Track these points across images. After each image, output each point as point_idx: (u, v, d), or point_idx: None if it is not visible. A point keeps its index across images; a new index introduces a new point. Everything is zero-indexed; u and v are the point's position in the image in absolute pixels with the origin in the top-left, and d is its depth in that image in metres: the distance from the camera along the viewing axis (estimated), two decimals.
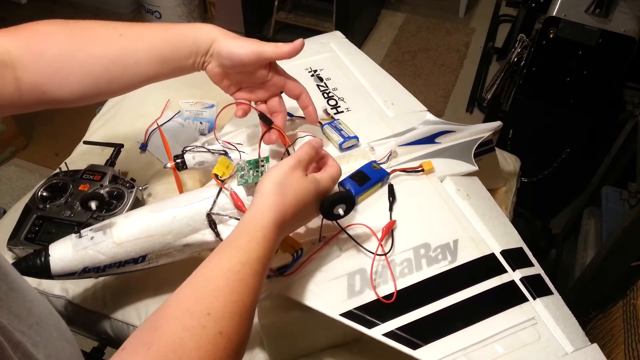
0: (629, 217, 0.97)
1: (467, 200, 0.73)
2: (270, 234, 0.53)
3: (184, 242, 0.66)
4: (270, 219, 0.53)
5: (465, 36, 2.66)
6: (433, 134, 0.81)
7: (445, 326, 0.59)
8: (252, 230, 0.53)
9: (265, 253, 0.52)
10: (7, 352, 0.38)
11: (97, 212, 0.76)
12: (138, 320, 0.79)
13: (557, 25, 1.30)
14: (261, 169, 0.68)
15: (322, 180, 0.59)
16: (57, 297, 0.82)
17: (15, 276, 0.49)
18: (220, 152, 0.75)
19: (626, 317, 0.93)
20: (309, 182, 0.57)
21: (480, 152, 0.83)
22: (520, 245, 0.69)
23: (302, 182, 0.57)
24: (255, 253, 0.51)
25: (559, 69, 1.38)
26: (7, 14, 2.77)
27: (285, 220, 0.55)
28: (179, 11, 2.60)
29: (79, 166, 0.90)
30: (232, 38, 0.67)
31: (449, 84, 2.39)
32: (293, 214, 0.56)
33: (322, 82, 0.92)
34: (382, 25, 2.75)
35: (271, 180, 0.56)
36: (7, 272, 0.47)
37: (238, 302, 0.48)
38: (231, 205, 0.67)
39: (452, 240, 0.67)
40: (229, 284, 0.49)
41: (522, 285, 0.63)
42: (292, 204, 0.55)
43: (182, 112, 1.06)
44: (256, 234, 0.52)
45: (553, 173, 1.56)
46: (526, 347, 0.58)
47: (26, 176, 1.98)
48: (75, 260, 0.63)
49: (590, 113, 1.43)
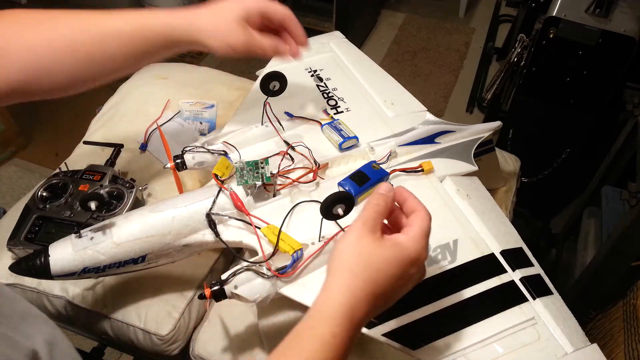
0: (629, 217, 0.97)
1: (467, 200, 0.72)
2: (341, 328, 0.41)
3: (183, 242, 0.66)
4: (340, 311, 0.42)
5: (465, 36, 2.66)
6: (433, 134, 0.81)
7: (445, 326, 0.59)
8: (318, 326, 0.42)
9: (335, 356, 0.41)
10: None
11: (97, 213, 0.76)
12: (138, 320, 0.79)
13: (557, 25, 1.30)
14: (261, 170, 0.68)
15: (405, 241, 0.46)
16: (57, 297, 0.82)
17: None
18: (220, 152, 0.75)
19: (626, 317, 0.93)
20: (386, 249, 0.45)
21: (480, 152, 0.83)
22: (520, 245, 0.69)
23: (376, 251, 0.44)
24: (321, 357, 0.40)
25: (559, 68, 1.38)
26: None
27: (360, 307, 0.43)
28: None
29: (79, 166, 0.90)
30: (208, 35, 0.63)
31: (449, 84, 2.39)
32: (372, 295, 0.43)
33: (322, 82, 0.92)
34: (382, 25, 2.75)
35: (337, 256, 0.45)
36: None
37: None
38: (231, 205, 0.67)
39: (451, 240, 0.67)
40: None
41: (521, 285, 0.63)
42: (369, 283, 0.43)
43: (182, 112, 1.06)
44: (322, 332, 0.41)
45: (553, 173, 1.56)
46: (526, 347, 0.58)
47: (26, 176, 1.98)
48: (75, 260, 0.63)
49: (590, 113, 1.43)
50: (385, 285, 0.44)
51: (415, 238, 0.46)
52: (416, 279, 0.48)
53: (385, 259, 0.44)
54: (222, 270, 0.86)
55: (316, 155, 0.74)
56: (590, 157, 1.56)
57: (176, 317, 0.80)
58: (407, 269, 0.45)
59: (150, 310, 0.80)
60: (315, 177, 0.71)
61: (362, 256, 0.44)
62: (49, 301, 0.83)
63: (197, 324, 0.83)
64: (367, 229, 0.45)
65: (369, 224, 0.46)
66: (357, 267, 0.43)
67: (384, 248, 0.45)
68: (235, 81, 1.17)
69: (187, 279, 0.83)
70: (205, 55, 2.57)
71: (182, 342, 0.81)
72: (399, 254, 0.45)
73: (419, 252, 0.46)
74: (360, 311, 0.43)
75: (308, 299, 0.61)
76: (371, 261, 0.44)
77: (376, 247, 0.45)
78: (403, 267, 0.45)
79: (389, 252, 0.44)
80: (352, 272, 0.43)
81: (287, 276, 0.60)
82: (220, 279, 0.59)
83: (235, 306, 0.78)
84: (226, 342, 0.79)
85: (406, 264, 0.45)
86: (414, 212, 0.48)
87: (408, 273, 0.46)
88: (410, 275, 0.46)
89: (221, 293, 0.59)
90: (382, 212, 0.47)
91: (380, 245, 0.45)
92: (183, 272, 0.83)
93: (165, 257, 0.68)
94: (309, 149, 0.75)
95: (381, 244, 0.45)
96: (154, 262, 0.68)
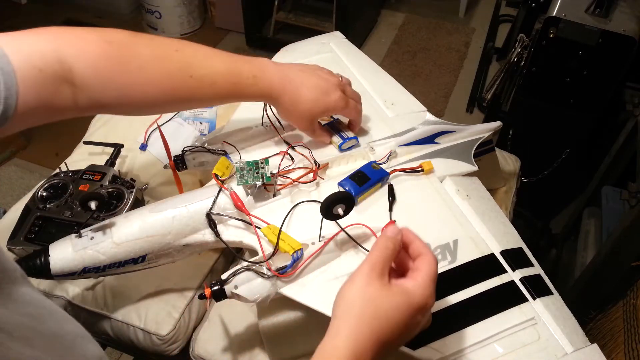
0: (629, 217, 0.97)
1: (467, 200, 0.72)
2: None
3: (183, 242, 0.66)
4: (348, 350, 0.41)
5: (465, 36, 2.66)
6: (433, 134, 0.81)
7: (444, 326, 0.59)
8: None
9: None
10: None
11: (97, 212, 0.76)
12: (138, 320, 0.79)
13: (557, 25, 1.30)
14: (261, 170, 0.68)
15: (413, 288, 0.44)
16: (57, 297, 0.82)
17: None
18: (220, 152, 0.75)
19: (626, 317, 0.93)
20: (394, 296, 0.44)
21: (480, 152, 0.83)
22: (520, 245, 0.69)
23: (385, 299, 0.43)
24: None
25: (559, 69, 1.38)
26: (7, 14, 2.77)
27: (366, 356, 0.42)
28: (179, 11, 2.60)
29: (79, 166, 0.90)
30: (283, 113, 0.73)
31: (449, 84, 2.39)
32: (378, 342, 0.42)
33: None
34: (382, 25, 2.75)
35: (344, 300, 0.44)
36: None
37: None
38: (231, 205, 0.67)
39: (451, 241, 0.67)
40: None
41: (521, 285, 0.63)
42: (376, 330, 0.42)
43: (182, 112, 1.06)
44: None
45: (553, 173, 1.56)
46: (526, 347, 0.58)
47: (26, 176, 1.98)
48: (75, 260, 0.63)
49: (590, 113, 1.43)
50: (392, 333, 0.43)
51: (423, 284, 0.45)
52: (422, 326, 0.47)
53: (392, 306, 0.43)
54: (222, 270, 0.86)
55: (316, 155, 0.74)
56: (590, 157, 1.56)
57: (176, 317, 0.80)
58: (415, 316, 0.44)
59: (150, 310, 0.80)
60: (315, 177, 0.71)
61: (370, 303, 0.43)
62: None
63: (197, 324, 0.83)
64: (376, 274, 0.44)
65: (378, 268, 0.45)
66: (365, 314, 0.42)
67: (392, 295, 0.44)
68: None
69: (187, 279, 0.83)
70: None
71: (182, 342, 0.82)
72: (406, 301, 0.44)
73: (427, 298, 0.45)
74: (368, 357, 0.42)
75: (308, 299, 0.61)
76: (379, 309, 0.43)
77: (384, 294, 0.44)
78: (410, 314, 0.44)
79: (397, 299, 0.43)
80: (359, 320, 0.42)
81: (287, 276, 0.60)
82: (220, 279, 0.59)
83: (235, 306, 0.78)
84: (226, 342, 0.79)
85: (414, 311, 0.44)
86: (420, 256, 0.47)
87: (415, 320, 0.45)
88: (417, 323, 0.45)
89: (221, 293, 0.59)
90: (390, 256, 0.46)
91: (389, 292, 0.44)
92: (183, 272, 0.83)
93: (165, 257, 0.68)
94: (309, 149, 0.75)
95: (389, 291, 0.44)
96: (154, 262, 0.68)
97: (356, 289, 0.44)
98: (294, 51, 1.01)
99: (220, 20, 2.71)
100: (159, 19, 2.61)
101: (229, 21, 2.66)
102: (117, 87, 0.59)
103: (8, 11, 2.80)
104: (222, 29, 2.72)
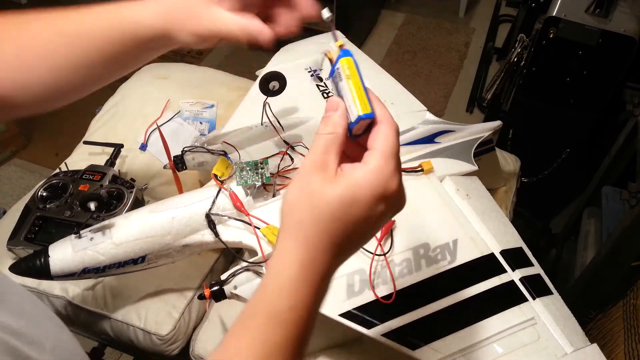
0: (629, 217, 0.97)
1: (467, 200, 0.72)
2: (298, 298, 0.36)
3: (183, 243, 0.66)
4: (294, 278, 0.36)
5: (465, 36, 2.66)
6: (433, 133, 0.81)
7: (444, 326, 0.59)
8: (271, 300, 0.36)
9: (297, 329, 0.36)
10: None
11: (97, 213, 0.76)
12: (138, 320, 0.79)
13: (557, 25, 1.29)
14: (260, 170, 0.68)
15: (364, 176, 0.36)
16: (57, 298, 0.82)
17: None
18: (219, 153, 0.75)
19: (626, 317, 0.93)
20: (341, 190, 0.36)
21: (480, 151, 0.83)
22: (520, 245, 0.69)
23: (330, 195, 0.36)
24: (281, 334, 0.35)
25: (559, 69, 1.38)
26: None
27: (319, 264, 0.36)
28: None
29: (79, 166, 0.90)
30: (180, 27, 0.51)
31: (449, 84, 2.39)
32: (332, 245, 0.36)
33: (322, 82, 0.92)
34: (382, 25, 2.75)
35: (284, 207, 0.38)
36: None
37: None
38: (230, 205, 0.67)
39: (451, 240, 0.67)
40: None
41: (521, 285, 0.63)
42: (326, 233, 0.36)
43: (182, 112, 1.06)
44: (278, 308, 0.36)
45: (553, 173, 1.56)
46: (525, 347, 0.58)
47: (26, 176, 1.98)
48: (75, 261, 0.63)
49: (590, 113, 1.43)
50: (348, 231, 0.36)
51: (377, 167, 0.36)
52: (391, 213, 0.39)
53: (341, 202, 0.35)
54: (222, 270, 0.86)
55: None
56: (590, 157, 1.56)
57: (176, 317, 0.80)
58: (373, 208, 0.36)
59: (150, 310, 0.80)
60: None
61: (312, 203, 0.36)
62: (49, 301, 0.83)
63: (197, 324, 0.83)
64: (317, 168, 0.36)
65: (319, 160, 0.37)
66: (308, 218, 0.36)
67: (338, 188, 0.36)
68: (235, 81, 1.17)
69: (187, 279, 0.83)
70: (206, 55, 2.57)
71: (182, 342, 0.81)
72: (358, 193, 0.36)
73: (385, 183, 0.36)
74: (320, 268, 0.36)
75: None
76: (324, 208, 0.35)
77: (329, 189, 0.36)
78: (367, 206, 0.36)
79: (345, 194, 0.35)
80: (302, 225, 0.36)
81: None
82: (220, 279, 0.59)
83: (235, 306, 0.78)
84: None
85: (370, 203, 0.36)
86: (374, 127, 0.38)
87: (375, 212, 0.37)
88: (380, 213, 0.37)
89: (221, 293, 0.59)
90: (335, 141, 0.38)
91: (334, 185, 0.36)
92: (183, 272, 0.83)
93: (165, 258, 0.68)
94: (308, 149, 0.75)
95: (335, 184, 0.36)
96: (153, 263, 0.68)
97: (296, 190, 0.37)
98: (294, 51, 1.01)
99: None
100: None
101: None
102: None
103: (8, 11, 2.80)
104: None
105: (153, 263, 0.67)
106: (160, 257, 0.67)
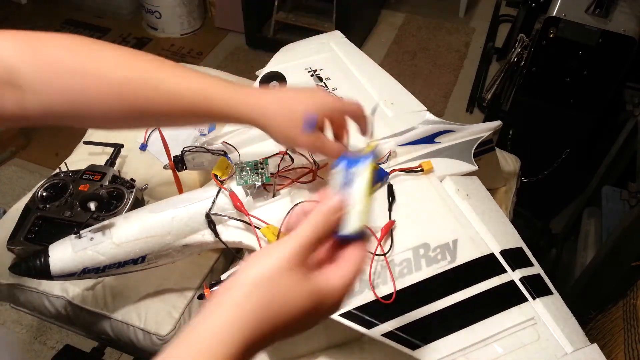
0: (629, 217, 0.97)
1: (467, 200, 0.72)
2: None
3: (183, 243, 0.66)
4: (239, 340, 0.33)
5: (465, 36, 2.66)
6: (433, 133, 0.81)
7: (444, 326, 0.59)
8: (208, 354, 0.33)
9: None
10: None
11: (97, 213, 0.76)
12: (138, 320, 0.79)
13: (557, 25, 1.29)
14: (260, 170, 0.68)
15: (328, 291, 0.37)
16: (57, 298, 0.82)
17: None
18: (219, 153, 0.75)
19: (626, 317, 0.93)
20: (305, 295, 0.36)
21: (480, 151, 0.83)
22: (520, 245, 0.69)
23: (294, 292, 0.35)
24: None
25: (559, 69, 1.38)
26: (7, 14, 2.77)
27: (259, 342, 0.35)
28: (179, 11, 2.60)
29: (79, 166, 0.90)
30: (274, 127, 0.57)
31: (449, 84, 2.39)
32: (274, 333, 0.35)
33: (322, 82, 0.92)
34: (382, 25, 2.75)
35: (252, 271, 0.35)
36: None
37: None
38: (230, 205, 0.67)
39: (451, 240, 0.67)
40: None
41: (521, 285, 0.63)
42: (272, 324, 0.35)
43: None
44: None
45: (553, 173, 1.56)
46: (526, 347, 0.58)
47: (26, 176, 1.98)
48: (75, 261, 0.63)
49: (590, 113, 1.43)
50: (288, 328, 0.36)
51: (342, 287, 0.37)
52: (327, 315, 0.39)
53: (300, 308, 0.36)
54: (222, 270, 0.86)
55: (316, 155, 0.74)
56: (590, 157, 1.56)
57: (176, 317, 0.80)
58: (320, 315, 0.38)
59: (150, 310, 0.80)
60: (315, 177, 0.71)
61: (278, 294, 0.35)
62: (49, 301, 0.83)
63: None
64: (299, 260, 0.36)
65: (304, 250, 0.36)
66: (268, 307, 0.35)
67: (302, 291, 0.36)
68: (235, 81, 1.17)
69: (187, 279, 0.83)
70: (206, 55, 2.57)
71: None
72: (317, 302, 0.36)
73: (340, 300, 0.38)
74: (258, 344, 0.35)
75: None
76: (284, 306, 0.35)
77: (298, 290, 0.36)
78: (316, 314, 0.37)
79: (307, 302, 0.36)
80: (264, 303, 0.35)
81: None
82: (220, 279, 0.59)
83: None
84: None
85: (321, 311, 0.37)
86: (350, 246, 0.39)
87: (318, 317, 0.38)
88: (321, 317, 0.38)
89: None
90: (321, 238, 0.38)
91: (301, 288, 0.36)
92: (183, 272, 0.83)
93: (165, 258, 0.68)
94: None
95: (302, 287, 0.36)
96: (153, 263, 0.68)
97: (269, 269, 0.35)
98: (294, 51, 1.01)
99: (220, 20, 2.71)
100: (159, 19, 2.61)
101: (229, 21, 2.66)
102: (70, 93, 0.53)
103: (8, 11, 2.80)
104: (222, 29, 2.72)
105: (153, 263, 0.67)
106: (160, 257, 0.67)
